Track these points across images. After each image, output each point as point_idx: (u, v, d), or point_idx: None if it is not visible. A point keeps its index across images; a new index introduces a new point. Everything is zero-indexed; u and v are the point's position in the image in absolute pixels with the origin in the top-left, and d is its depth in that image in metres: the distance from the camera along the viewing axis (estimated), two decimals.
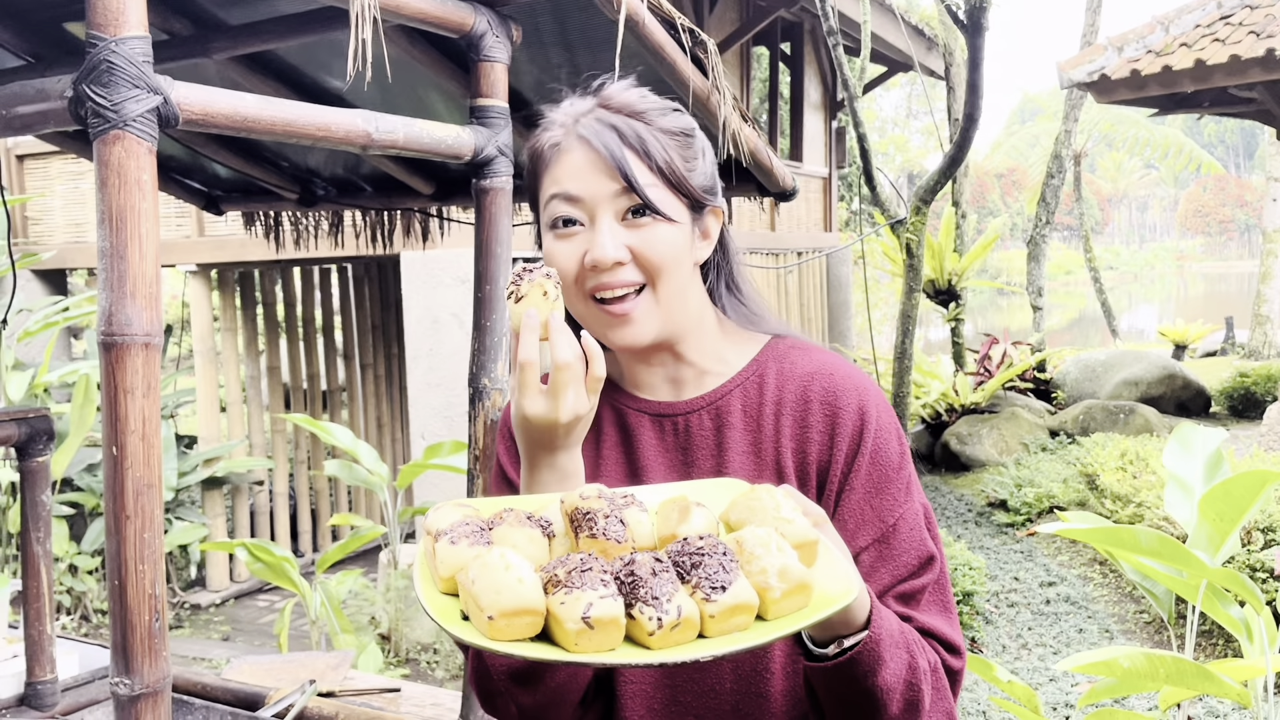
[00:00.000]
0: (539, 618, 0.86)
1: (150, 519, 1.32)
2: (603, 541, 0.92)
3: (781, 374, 1.20)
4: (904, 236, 7.11)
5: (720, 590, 0.86)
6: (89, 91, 1.28)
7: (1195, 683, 2.56)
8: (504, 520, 0.95)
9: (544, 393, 1.03)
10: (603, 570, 0.87)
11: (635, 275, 1.12)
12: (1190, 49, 6.98)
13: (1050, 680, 4.66)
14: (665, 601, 0.85)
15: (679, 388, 1.22)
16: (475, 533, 0.93)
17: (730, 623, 0.87)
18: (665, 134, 1.14)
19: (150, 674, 1.33)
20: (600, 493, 0.96)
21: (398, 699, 2.86)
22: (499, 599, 0.85)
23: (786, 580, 0.88)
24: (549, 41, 2.24)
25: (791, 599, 0.88)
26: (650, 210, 1.11)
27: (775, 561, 0.88)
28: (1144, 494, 5.91)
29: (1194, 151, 23.19)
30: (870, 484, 1.14)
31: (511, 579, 0.85)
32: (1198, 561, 2.67)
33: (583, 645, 0.84)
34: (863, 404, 1.16)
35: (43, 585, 2.17)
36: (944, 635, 1.12)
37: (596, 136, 1.12)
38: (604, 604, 0.84)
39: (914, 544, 1.13)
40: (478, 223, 1.89)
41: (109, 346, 1.30)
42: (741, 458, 1.18)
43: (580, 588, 0.85)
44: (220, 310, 6.92)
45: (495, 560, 0.87)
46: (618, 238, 1.11)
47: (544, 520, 0.96)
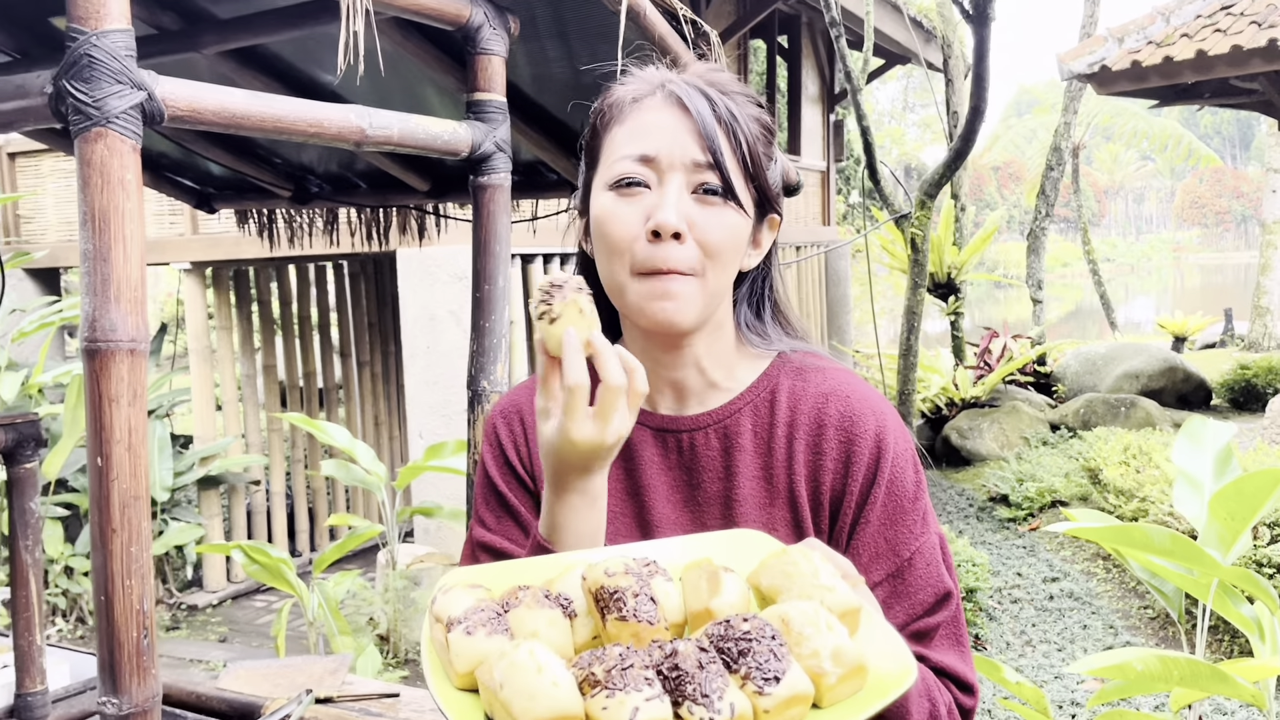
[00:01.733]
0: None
1: (137, 532, 1.27)
2: (634, 625, 0.84)
3: (794, 393, 1.13)
4: (909, 231, 7.05)
5: (774, 682, 0.79)
6: (69, 87, 1.23)
7: (1209, 684, 2.52)
8: (520, 601, 0.88)
9: (591, 416, 0.96)
10: (644, 666, 0.79)
11: (692, 256, 1.04)
12: (1191, 39, 6.94)
13: (1055, 678, 4.62)
14: (716, 700, 0.77)
15: (683, 400, 1.15)
16: (492, 620, 0.85)
17: (786, 716, 0.79)
18: (754, 121, 1.07)
19: (139, 693, 1.28)
20: (626, 566, 0.88)
21: (397, 704, 2.81)
22: (534, 706, 0.77)
23: (841, 664, 0.81)
24: (545, 34, 2.19)
25: (847, 683, 0.82)
26: (727, 193, 1.04)
27: (828, 643, 0.81)
28: (1148, 488, 5.87)
29: (1191, 143, 23.16)
30: (886, 516, 1.08)
31: (546, 683, 0.77)
32: (1210, 560, 2.63)
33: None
34: (880, 431, 1.10)
35: (32, 594, 2.11)
36: (958, 674, 1.07)
37: (689, 97, 1.04)
38: (651, 707, 0.76)
39: (930, 580, 1.08)
40: (476, 220, 1.84)
41: (93, 353, 1.24)
42: (752, 483, 1.11)
43: (624, 689, 0.77)
44: (215, 308, 6.87)
45: (525, 660, 0.79)
46: (684, 208, 1.03)
47: (564, 598, 0.89)
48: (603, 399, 0.95)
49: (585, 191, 1.12)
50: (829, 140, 12.60)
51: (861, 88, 7.54)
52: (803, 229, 11.56)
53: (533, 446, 1.18)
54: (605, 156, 1.08)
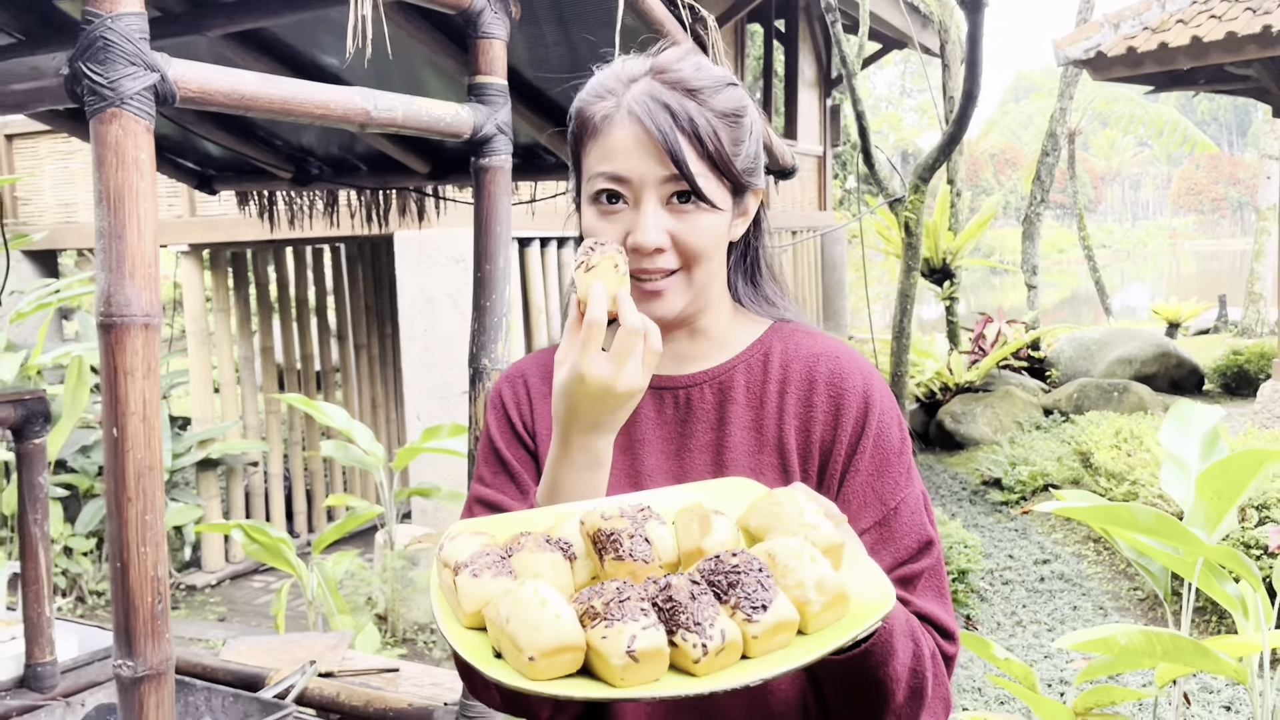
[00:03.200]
0: (580, 653, 0.83)
1: (151, 501, 1.31)
2: (630, 563, 0.90)
3: (786, 353, 1.20)
4: (902, 215, 7.09)
5: (761, 609, 0.84)
6: (85, 69, 1.26)
7: (1192, 659, 2.58)
8: (523, 545, 0.93)
9: (605, 357, 1.01)
10: (640, 598, 0.84)
11: (673, 261, 1.11)
12: (1187, 26, 6.96)
13: (1045, 657, 4.69)
14: (708, 626, 0.83)
15: (683, 362, 1.21)
16: (496, 563, 0.90)
17: (773, 641, 0.85)
18: (717, 115, 1.11)
19: (153, 655, 1.32)
20: (621, 510, 0.93)
21: (396, 679, 2.86)
22: (538, 638, 0.82)
23: (824, 592, 0.86)
24: (545, 18, 2.22)
25: (831, 610, 0.87)
26: (696, 197, 1.09)
27: (811, 574, 0.86)
28: (1138, 471, 5.93)
29: (1187, 129, 23.15)
30: (873, 467, 1.14)
31: (549, 615, 0.82)
32: (1195, 539, 2.68)
33: (628, 679, 0.82)
34: (868, 388, 1.17)
35: (41, 567, 2.16)
36: (939, 620, 1.12)
37: (649, 116, 1.08)
38: (647, 635, 0.82)
39: (914, 527, 1.13)
40: (477, 201, 1.88)
41: (108, 328, 1.28)
42: (742, 433, 1.17)
43: (621, 619, 0.82)
44: (213, 291, 6.88)
45: (529, 596, 0.84)
46: (661, 222, 1.10)
47: (563, 542, 0.94)
48: (619, 340, 1.01)
49: (577, 190, 1.19)
50: (826, 125, 12.60)
51: (857, 73, 7.56)
52: (799, 214, 11.58)
53: (535, 409, 1.23)
54: (585, 170, 1.14)
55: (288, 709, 1.89)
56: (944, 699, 1.11)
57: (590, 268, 1.03)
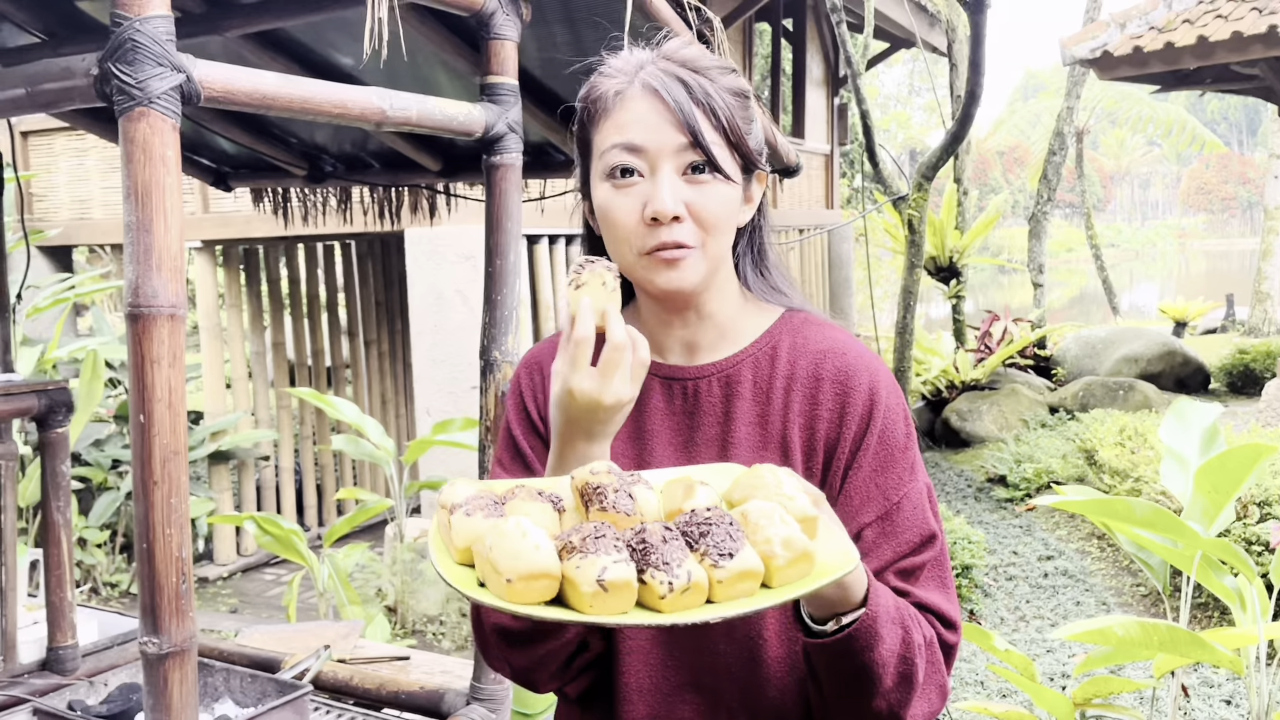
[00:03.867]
0: (555, 581, 0.90)
1: (176, 485, 1.37)
2: (612, 514, 0.96)
3: (794, 348, 1.21)
4: (906, 213, 7.13)
5: (728, 557, 0.90)
6: (114, 70, 1.32)
7: (1189, 650, 2.61)
8: (516, 495, 0.99)
9: (593, 373, 1.05)
10: (616, 538, 0.91)
11: (691, 233, 1.13)
12: (1193, 25, 6.98)
13: (1047, 651, 4.73)
14: (676, 567, 0.89)
15: (693, 352, 1.23)
16: (490, 505, 0.97)
17: (737, 588, 0.90)
18: (727, 92, 1.14)
19: (178, 633, 1.38)
20: (610, 469, 0.99)
21: (407, 666, 2.92)
22: (516, 563, 0.89)
23: (790, 549, 0.91)
24: (554, 19, 2.27)
25: (795, 567, 0.92)
26: (712, 168, 1.12)
27: (779, 531, 0.92)
28: (1142, 469, 5.96)
29: (1196, 129, 23.13)
30: (877, 462, 1.16)
31: (528, 545, 0.89)
32: (1191, 532, 2.72)
33: (597, 607, 0.88)
34: (873, 384, 1.18)
35: (63, 553, 2.22)
36: (941, 610, 1.15)
37: (665, 88, 1.11)
38: (618, 568, 0.88)
39: (916, 521, 1.16)
40: (488, 199, 1.93)
41: (136, 318, 1.34)
42: (748, 428, 1.19)
43: (595, 553, 0.89)
44: (225, 287, 6.95)
45: (512, 528, 0.91)
46: (678, 192, 1.12)
47: (555, 496, 1.00)
48: (605, 356, 1.05)
49: (584, 179, 1.21)
50: (833, 123, 12.64)
51: (862, 72, 7.60)
52: (806, 212, 11.62)
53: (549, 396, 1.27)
54: (597, 149, 1.16)
55: (305, 688, 1.95)
56: (940, 686, 1.13)
57: (580, 285, 1.06)
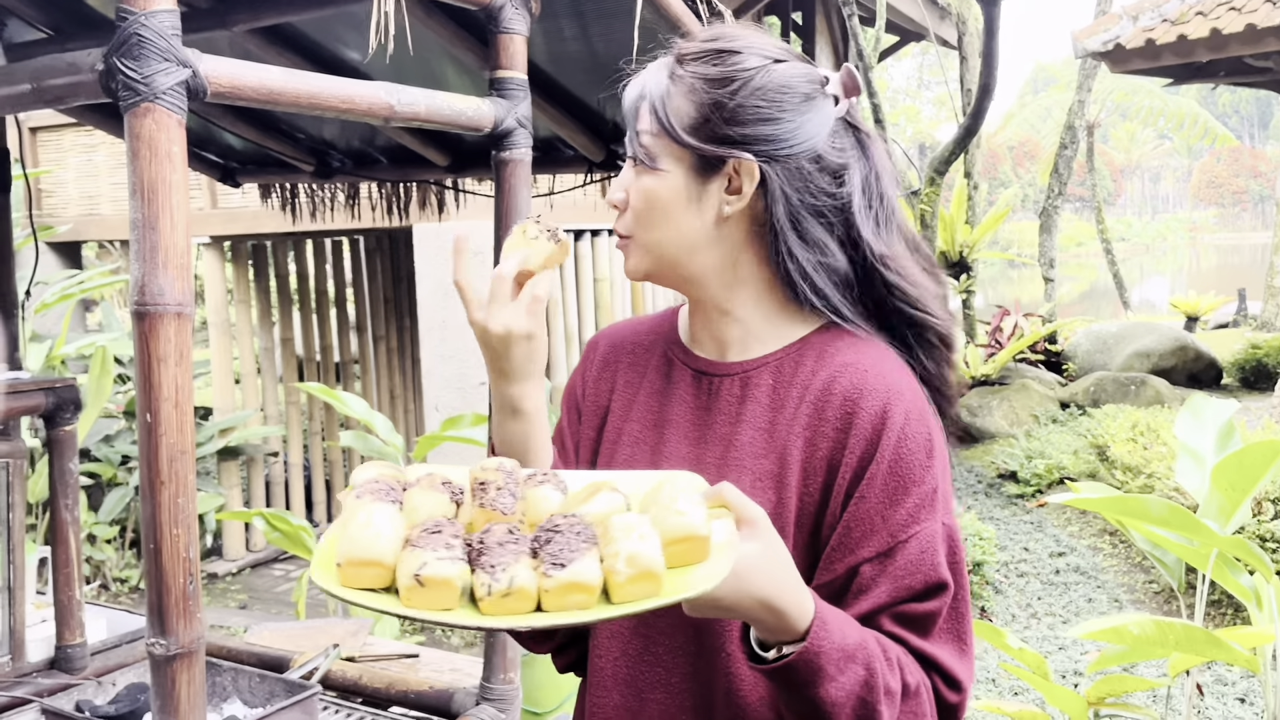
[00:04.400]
0: (386, 570, 0.90)
1: (184, 484, 1.35)
2: (488, 512, 0.96)
3: (821, 359, 1.14)
4: (918, 208, 7.09)
5: (559, 567, 0.88)
6: (120, 65, 1.30)
7: (1204, 649, 2.59)
8: (417, 484, 0.99)
9: (481, 304, 1.12)
10: (453, 535, 0.91)
11: (626, 222, 1.18)
12: (1206, 17, 6.93)
13: (1060, 649, 4.70)
14: (500, 570, 0.88)
15: (724, 349, 1.20)
16: (383, 491, 0.97)
17: (567, 599, 0.89)
18: (698, 79, 1.12)
19: (185, 634, 1.36)
20: (500, 465, 0.99)
21: (416, 664, 2.91)
22: (350, 549, 0.90)
23: (633, 566, 0.89)
24: (564, 13, 2.25)
25: (637, 584, 0.89)
26: (639, 158, 1.15)
27: (627, 547, 0.89)
28: (1155, 465, 5.92)
29: (1208, 122, 22.97)
30: (885, 495, 1.06)
31: (369, 533, 0.90)
32: (1208, 530, 2.69)
33: (413, 600, 0.88)
34: (886, 407, 1.08)
35: (71, 551, 2.21)
36: (946, 667, 1.06)
37: (634, 82, 1.17)
38: (440, 565, 0.88)
39: (924, 567, 1.05)
40: (497, 194, 1.91)
41: (142, 316, 1.32)
42: (754, 432, 1.14)
43: (421, 547, 0.89)
44: (234, 282, 6.95)
45: (359, 516, 0.92)
46: (624, 181, 1.17)
47: (457, 488, 1.00)
48: (490, 285, 1.12)
49: None
50: None
51: (873, 65, 7.57)
52: None
53: (592, 377, 1.31)
54: None
55: (313, 689, 1.94)
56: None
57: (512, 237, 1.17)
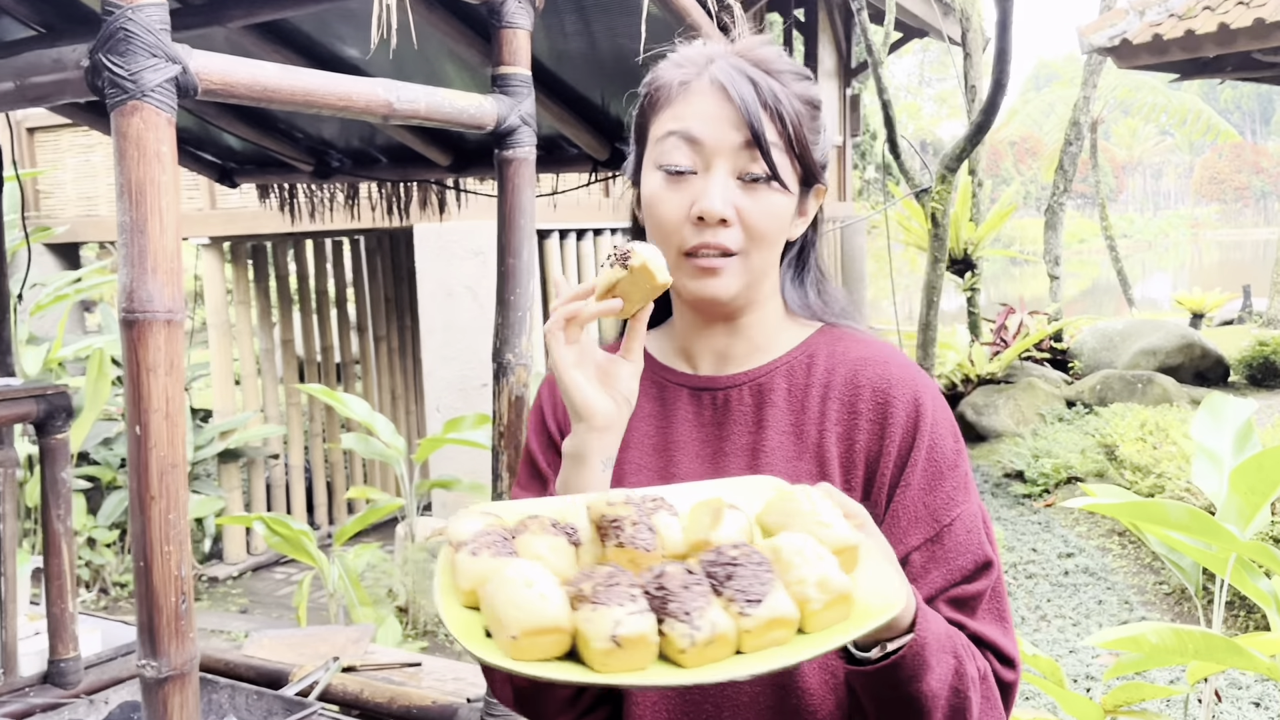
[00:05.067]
0: (565, 636, 0.81)
1: (175, 499, 1.29)
2: (630, 550, 0.87)
3: (832, 357, 1.14)
4: (929, 206, 7.02)
5: (755, 603, 0.81)
6: (106, 61, 1.24)
7: (1225, 657, 2.54)
8: (527, 528, 0.91)
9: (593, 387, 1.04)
10: (630, 584, 0.82)
11: (737, 239, 1.06)
12: (1214, 12, 6.87)
13: (1070, 652, 4.65)
14: (697, 617, 0.80)
15: (724, 363, 1.17)
16: (497, 543, 0.88)
17: (767, 637, 0.82)
18: (798, 99, 1.08)
19: (177, 656, 1.30)
20: (627, 498, 0.91)
21: (419, 673, 2.85)
22: (521, 616, 0.80)
23: (826, 591, 0.83)
24: (567, 8, 2.19)
25: (832, 610, 0.84)
26: (770, 175, 1.06)
27: (814, 571, 0.83)
28: (1164, 464, 5.86)
29: (1210, 118, 22.89)
30: (925, 481, 1.08)
31: (534, 595, 0.81)
32: (1228, 534, 2.63)
33: (611, 665, 0.80)
34: (918, 396, 1.11)
35: (64, 562, 2.15)
36: (998, 645, 1.07)
37: (732, 84, 1.05)
38: (633, 620, 0.79)
39: (970, 547, 1.07)
40: (500, 194, 1.85)
41: (130, 324, 1.26)
42: (780, 437, 1.12)
43: (607, 604, 0.80)
44: (234, 283, 6.91)
45: (515, 576, 0.82)
46: (729, 195, 1.05)
47: (569, 528, 0.92)
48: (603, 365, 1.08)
49: (636, 166, 1.15)
50: (845, 115, 12.53)
51: (883, 61, 7.50)
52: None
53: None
54: (653, 136, 1.10)
55: (311, 707, 1.88)
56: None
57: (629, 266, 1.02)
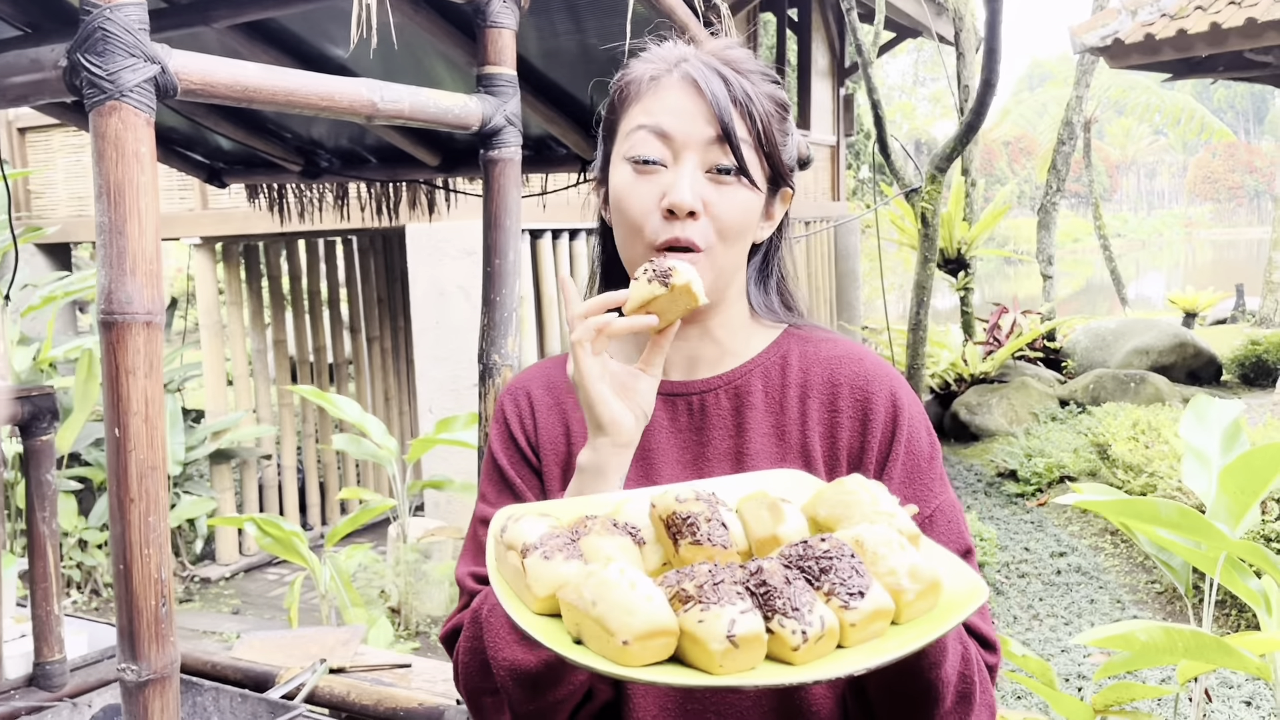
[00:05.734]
0: (673, 638, 0.79)
1: (155, 502, 1.29)
2: (708, 548, 0.86)
3: (805, 357, 1.16)
4: (919, 206, 7.03)
5: (859, 596, 0.80)
6: (83, 61, 1.23)
7: (1214, 656, 2.54)
8: (590, 529, 0.89)
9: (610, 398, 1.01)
10: (735, 581, 0.81)
11: (705, 233, 1.06)
12: (1205, 12, 6.88)
13: (1062, 651, 4.65)
14: (807, 612, 0.79)
15: (695, 367, 1.16)
16: (567, 545, 0.86)
17: (869, 630, 0.81)
18: (767, 99, 1.09)
19: (158, 659, 1.30)
20: (697, 494, 0.89)
21: (409, 674, 2.84)
22: (632, 621, 0.77)
23: (919, 580, 0.82)
24: (555, 7, 2.19)
25: (924, 599, 0.83)
26: (739, 170, 1.06)
27: (904, 561, 0.83)
28: (1156, 464, 5.87)
29: (1204, 117, 22.94)
30: (906, 474, 1.11)
31: (640, 598, 0.78)
32: (1218, 533, 2.64)
33: (727, 666, 0.77)
34: (894, 391, 1.13)
35: (49, 565, 2.14)
36: (980, 630, 1.08)
37: (704, 80, 1.06)
38: (746, 619, 0.78)
39: (952, 535, 1.09)
40: (486, 195, 1.84)
41: (109, 325, 1.26)
42: (763, 439, 1.12)
43: (718, 603, 0.78)
44: (225, 284, 6.89)
45: (618, 578, 0.80)
46: (699, 187, 1.06)
47: (631, 527, 0.90)
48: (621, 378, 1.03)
49: (604, 163, 1.15)
50: (839, 114, 12.53)
51: (872, 61, 7.49)
52: (812, 204, 11.52)
53: (538, 423, 1.19)
54: (622, 131, 1.10)
55: (295, 710, 1.87)
56: (989, 706, 1.07)
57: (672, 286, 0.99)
